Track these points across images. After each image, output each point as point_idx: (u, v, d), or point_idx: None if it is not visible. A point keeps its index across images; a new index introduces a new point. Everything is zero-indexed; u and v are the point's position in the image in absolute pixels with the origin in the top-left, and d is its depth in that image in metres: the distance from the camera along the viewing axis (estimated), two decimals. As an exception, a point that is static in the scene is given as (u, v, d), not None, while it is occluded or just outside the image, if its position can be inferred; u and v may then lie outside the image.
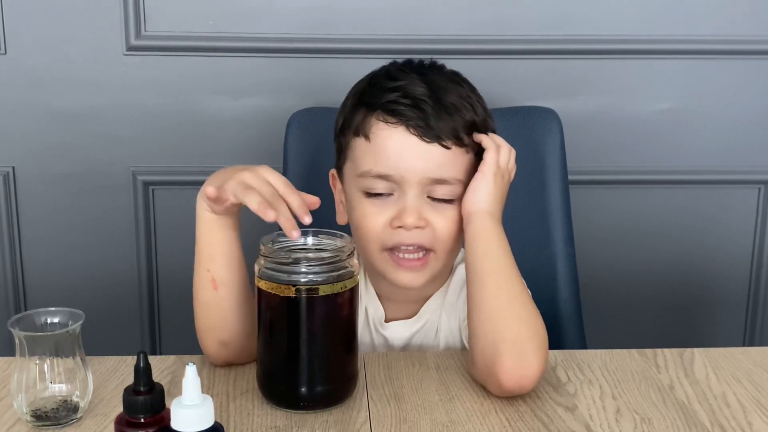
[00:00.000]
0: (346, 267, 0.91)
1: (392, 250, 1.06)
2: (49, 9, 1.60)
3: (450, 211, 1.05)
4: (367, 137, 1.05)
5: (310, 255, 0.92)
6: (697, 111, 1.71)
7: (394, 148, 1.03)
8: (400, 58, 1.17)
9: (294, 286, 0.88)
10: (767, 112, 1.72)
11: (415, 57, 1.15)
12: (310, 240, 0.96)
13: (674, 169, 1.74)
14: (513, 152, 1.07)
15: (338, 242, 0.94)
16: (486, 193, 1.03)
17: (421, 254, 1.06)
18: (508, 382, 0.94)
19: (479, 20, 1.64)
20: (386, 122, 1.04)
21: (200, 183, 1.77)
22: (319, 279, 0.89)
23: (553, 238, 1.38)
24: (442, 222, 1.05)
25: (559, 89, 1.68)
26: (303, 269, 0.89)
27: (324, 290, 0.89)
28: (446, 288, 1.15)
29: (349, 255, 0.92)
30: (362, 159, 1.06)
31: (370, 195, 1.06)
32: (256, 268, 0.92)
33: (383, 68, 1.13)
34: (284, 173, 1.40)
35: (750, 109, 1.72)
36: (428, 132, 1.02)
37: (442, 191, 1.04)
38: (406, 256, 1.06)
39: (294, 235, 0.89)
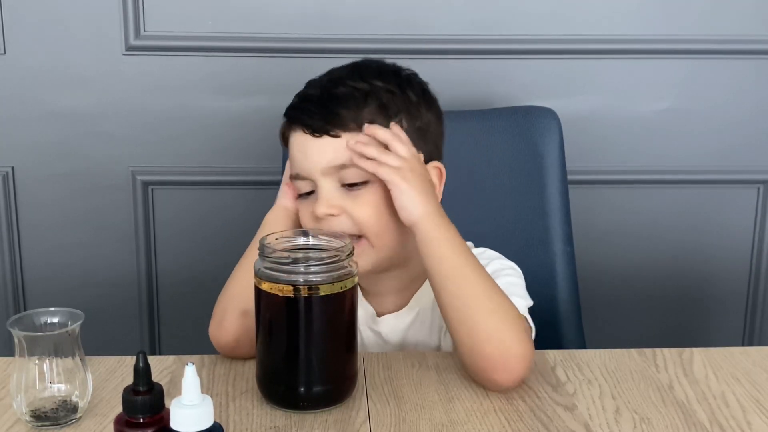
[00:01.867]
0: (346, 267, 0.91)
1: None
2: (49, 9, 1.60)
3: (366, 195, 1.06)
4: (285, 145, 1.13)
5: (310, 255, 0.92)
6: (696, 111, 1.71)
7: (297, 148, 1.09)
8: (401, 57, 1.17)
9: (294, 286, 0.88)
10: (767, 112, 1.72)
11: (378, 58, 1.17)
12: (310, 240, 0.96)
13: (674, 169, 1.74)
14: (400, 145, 1.04)
15: (338, 242, 0.94)
16: (408, 200, 1.02)
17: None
18: (498, 376, 0.95)
19: (479, 20, 1.64)
20: (289, 127, 1.11)
21: (200, 183, 1.78)
22: (318, 279, 0.89)
23: (553, 238, 1.38)
24: (358, 207, 1.06)
25: (559, 89, 1.68)
26: (303, 269, 0.89)
27: (324, 290, 0.89)
28: None
29: (348, 255, 0.92)
30: (290, 165, 1.13)
31: (300, 196, 1.11)
32: (256, 267, 0.92)
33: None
34: (284, 173, 1.40)
35: (750, 109, 1.72)
36: (315, 127, 1.06)
37: (350, 175, 1.06)
38: None
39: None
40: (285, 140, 1.13)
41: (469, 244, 1.17)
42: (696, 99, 1.71)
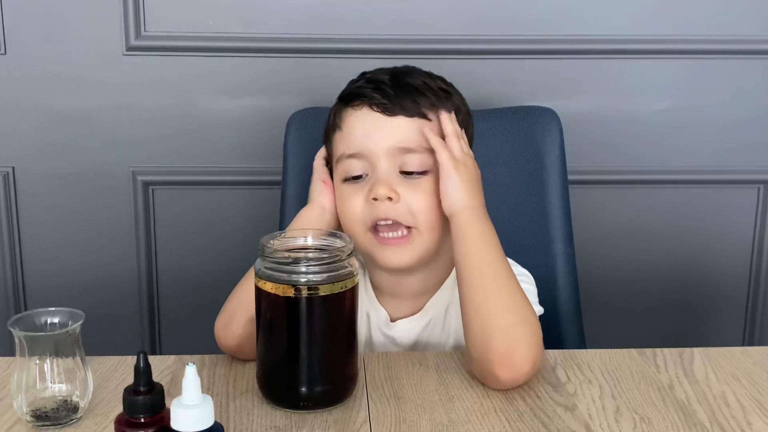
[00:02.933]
0: (346, 267, 0.91)
1: (375, 230, 1.08)
2: (49, 9, 1.60)
3: (424, 183, 1.07)
4: (340, 127, 1.12)
5: (310, 255, 0.92)
6: (696, 111, 1.71)
7: (361, 127, 1.08)
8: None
9: (294, 286, 0.88)
10: (767, 112, 1.72)
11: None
12: (310, 240, 0.96)
13: (674, 169, 1.74)
14: (461, 133, 1.09)
15: (338, 242, 0.94)
16: (455, 190, 1.04)
17: (403, 232, 1.08)
18: (501, 372, 0.95)
19: (479, 20, 1.64)
20: (353, 107, 1.10)
21: (200, 183, 1.78)
22: (319, 279, 0.89)
23: (553, 238, 1.38)
24: (416, 196, 1.06)
25: (559, 89, 1.68)
26: (303, 269, 0.89)
27: (324, 290, 0.89)
28: (453, 282, 1.15)
29: (349, 255, 0.92)
30: (337, 147, 1.12)
31: (348, 180, 1.10)
32: (256, 267, 0.92)
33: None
34: (284, 173, 1.40)
35: (750, 109, 1.72)
36: (390, 107, 1.07)
37: (412, 162, 1.07)
38: (389, 234, 1.08)
39: None
40: (335, 123, 1.12)
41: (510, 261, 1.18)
42: (696, 99, 1.71)
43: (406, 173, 1.07)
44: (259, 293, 0.92)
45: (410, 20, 1.63)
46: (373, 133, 1.07)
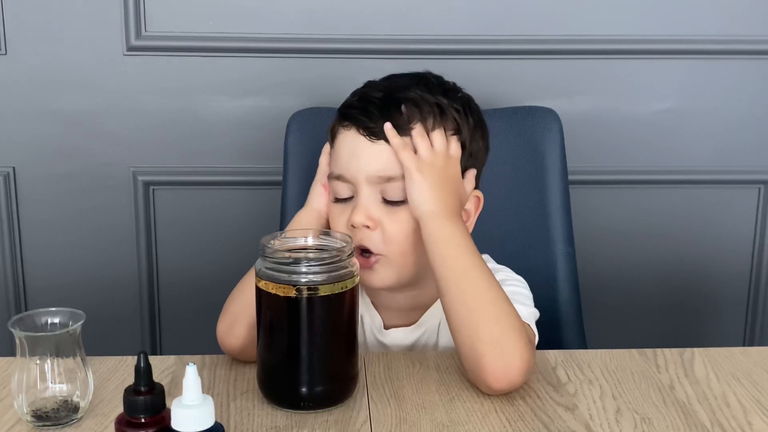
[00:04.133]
0: (347, 267, 0.91)
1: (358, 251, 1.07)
2: (49, 9, 1.60)
3: (403, 213, 1.05)
4: (333, 142, 1.10)
5: (311, 255, 0.92)
6: (696, 111, 1.71)
7: (346, 149, 1.07)
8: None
9: (294, 286, 0.88)
10: (767, 112, 1.72)
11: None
12: (310, 240, 0.96)
13: (674, 169, 1.74)
14: (438, 137, 1.05)
15: (338, 242, 0.94)
16: (420, 193, 1.02)
17: (372, 257, 1.06)
18: (495, 382, 0.94)
19: (479, 20, 1.64)
20: (343, 126, 1.08)
21: (200, 183, 1.78)
22: (319, 279, 0.89)
23: (553, 238, 1.38)
24: (393, 225, 1.05)
25: (559, 89, 1.68)
26: (303, 269, 0.89)
27: (324, 290, 0.89)
28: None
29: (349, 255, 0.92)
30: (332, 163, 1.10)
31: (337, 200, 1.08)
32: (256, 268, 0.92)
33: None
34: (284, 173, 1.40)
35: (750, 109, 1.72)
36: (374, 131, 1.04)
37: (393, 191, 1.04)
38: (361, 258, 1.07)
39: None
40: (333, 137, 1.10)
41: (486, 257, 1.17)
42: (696, 99, 1.71)
43: (388, 202, 1.05)
44: (260, 293, 0.92)
45: (410, 20, 1.63)
46: (357, 158, 1.05)
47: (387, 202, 1.05)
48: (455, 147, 1.07)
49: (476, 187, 1.13)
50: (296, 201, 1.36)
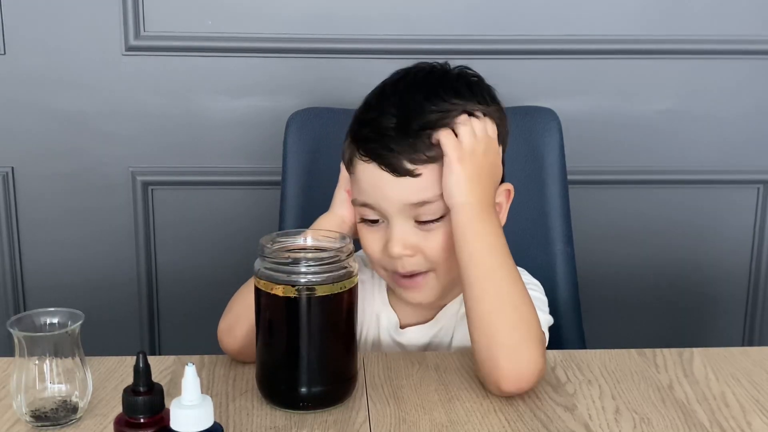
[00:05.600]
0: (346, 267, 0.91)
1: (395, 272, 1.07)
2: (48, 9, 1.60)
3: (440, 229, 1.03)
4: (352, 169, 1.07)
5: (310, 255, 0.92)
6: (697, 111, 1.71)
7: (369, 182, 1.04)
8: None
9: (293, 286, 0.88)
10: (767, 112, 1.72)
11: (429, 62, 1.10)
12: (309, 240, 0.96)
13: (674, 169, 1.74)
14: (478, 123, 1.02)
15: (337, 243, 0.94)
16: (456, 184, 0.99)
17: (422, 275, 1.06)
18: (506, 385, 0.94)
19: (479, 20, 1.64)
20: (361, 158, 1.05)
21: (200, 183, 1.78)
22: (318, 279, 0.89)
23: (553, 238, 1.38)
24: (432, 244, 1.04)
25: (559, 89, 1.68)
26: (302, 269, 0.89)
27: (323, 290, 0.89)
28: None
29: (348, 255, 0.92)
30: (353, 187, 1.08)
31: (365, 221, 1.07)
32: (256, 268, 0.92)
33: (380, 85, 1.10)
34: (284, 173, 1.40)
35: (750, 109, 1.72)
36: (397, 168, 1.02)
37: (426, 213, 1.03)
38: (408, 279, 1.06)
39: None
40: (349, 163, 1.07)
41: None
42: (696, 99, 1.71)
43: (422, 222, 1.03)
44: (259, 293, 0.91)
45: (410, 20, 1.63)
46: (383, 191, 1.03)
47: (421, 222, 1.04)
48: (491, 127, 1.04)
49: (503, 180, 1.10)
50: (295, 201, 1.36)
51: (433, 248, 1.04)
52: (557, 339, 1.35)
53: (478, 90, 1.07)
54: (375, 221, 1.06)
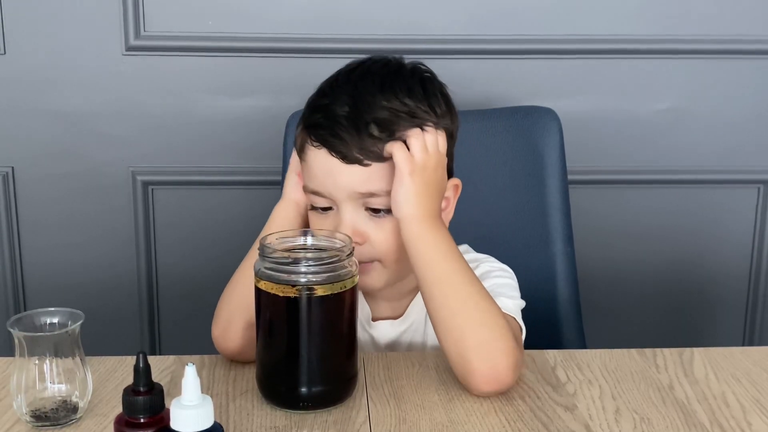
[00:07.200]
0: (346, 267, 0.91)
1: None
2: (48, 9, 1.60)
3: (389, 222, 1.04)
4: (303, 156, 1.07)
5: (310, 255, 0.92)
6: (696, 111, 1.71)
7: (320, 168, 1.04)
8: (407, 57, 1.16)
9: (293, 286, 0.88)
10: (767, 112, 1.72)
11: (384, 55, 1.11)
12: (309, 240, 0.96)
13: (674, 169, 1.74)
14: (431, 137, 1.02)
15: (337, 242, 0.94)
16: (405, 196, 1.00)
17: (365, 263, 1.06)
18: (484, 385, 0.94)
19: (479, 20, 1.64)
20: (312, 144, 1.05)
21: (200, 183, 1.78)
22: (318, 279, 0.89)
23: (553, 238, 1.38)
24: (380, 235, 1.04)
25: (559, 89, 1.68)
26: (302, 269, 0.89)
27: (323, 290, 0.89)
28: None
29: (348, 255, 0.92)
30: (304, 174, 1.08)
31: (315, 208, 1.07)
32: (256, 268, 0.92)
33: (334, 74, 1.11)
34: (283, 173, 1.40)
35: (750, 109, 1.72)
36: (347, 155, 1.02)
37: (376, 202, 1.03)
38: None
39: None
40: (300, 148, 1.08)
41: (465, 247, 1.17)
42: (696, 99, 1.71)
43: (373, 210, 1.04)
44: (259, 293, 0.91)
45: (410, 20, 1.63)
46: (333, 178, 1.03)
47: (371, 210, 1.04)
48: (442, 142, 1.05)
49: (451, 175, 1.10)
50: (295, 201, 1.36)
51: (381, 239, 1.04)
52: (557, 339, 1.35)
53: (431, 88, 1.08)
54: (326, 209, 1.06)
